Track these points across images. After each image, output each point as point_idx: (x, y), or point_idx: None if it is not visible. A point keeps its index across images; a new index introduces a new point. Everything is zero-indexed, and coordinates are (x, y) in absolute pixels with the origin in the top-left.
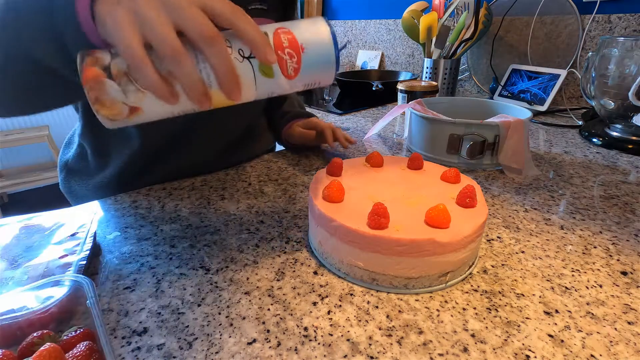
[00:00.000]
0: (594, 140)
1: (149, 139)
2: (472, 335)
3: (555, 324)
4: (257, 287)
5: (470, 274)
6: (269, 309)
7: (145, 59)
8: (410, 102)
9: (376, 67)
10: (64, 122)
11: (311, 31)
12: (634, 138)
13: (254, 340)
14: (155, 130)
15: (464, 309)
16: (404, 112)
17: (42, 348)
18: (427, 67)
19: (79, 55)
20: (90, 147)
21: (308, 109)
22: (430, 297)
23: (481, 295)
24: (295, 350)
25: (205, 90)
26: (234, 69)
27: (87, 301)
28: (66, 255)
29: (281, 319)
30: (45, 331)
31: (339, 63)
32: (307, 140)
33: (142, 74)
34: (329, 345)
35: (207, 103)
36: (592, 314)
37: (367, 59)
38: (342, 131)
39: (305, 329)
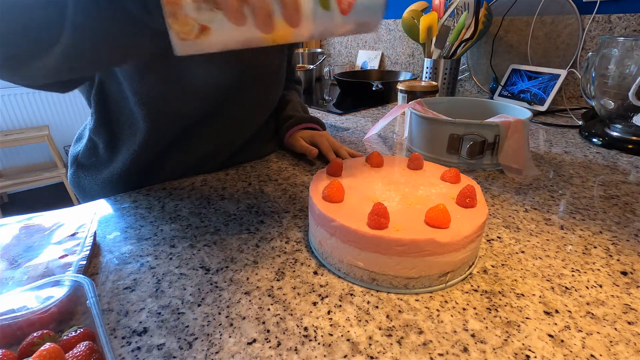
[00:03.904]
0: (594, 140)
1: (157, 134)
2: (472, 335)
3: (555, 324)
4: (257, 287)
5: (470, 274)
6: (269, 309)
7: None
8: (410, 102)
9: (376, 67)
10: (64, 122)
11: None
12: (634, 138)
13: (254, 340)
14: (164, 124)
15: (464, 309)
16: (404, 112)
17: (42, 348)
18: (427, 67)
19: None
20: (102, 142)
21: (309, 109)
22: (430, 297)
23: (481, 295)
24: (295, 350)
25: (270, 12)
26: None
27: (87, 301)
28: (66, 255)
29: (281, 319)
30: (45, 331)
31: (386, 8)
32: (308, 155)
33: None
34: (329, 345)
35: (270, 27)
36: (592, 314)
37: (367, 59)
38: (346, 148)
39: (305, 329)
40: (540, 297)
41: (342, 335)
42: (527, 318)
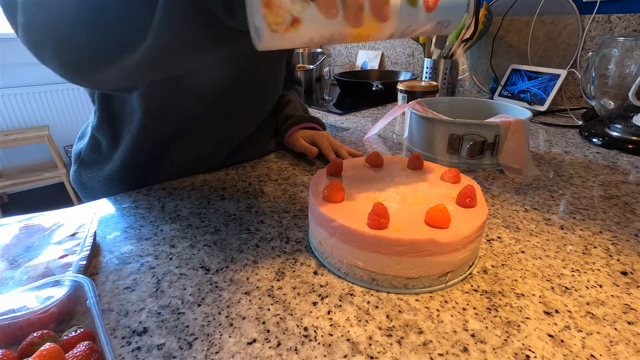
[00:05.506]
0: (594, 140)
1: (154, 129)
2: (472, 335)
3: (555, 324)
4: (257, 287)
5: (470, 274)
6: (269, 309)
7: None
8: (410, 102)
9: (376, 67)
10: (64, 122)
11: None
12: (634, 138)
13: (254, 340)
14: (161, 120)
15: (464, 309)
16: (404, 112)
17: (42, 348)
18: (427, 67)
19: None
20: (104, 139)
21: (309, 109)
22: (430, 297)
23: (481, 295)
24: (295, 350)
25: (362, 5)
26: None
27: (87, 301)
28: (66, 255)
29: (281, 319)
30: (45, 331)
31: (469, 6)
32: (308, 154)
33: None
34: (329, 345)
35: (359, 22)
36: (592, 314)
37: (367, 59)
38: (346, 147)
39: (305, 329)
40: (540, 297)
41: (342, 335)
42: (527, 318)
